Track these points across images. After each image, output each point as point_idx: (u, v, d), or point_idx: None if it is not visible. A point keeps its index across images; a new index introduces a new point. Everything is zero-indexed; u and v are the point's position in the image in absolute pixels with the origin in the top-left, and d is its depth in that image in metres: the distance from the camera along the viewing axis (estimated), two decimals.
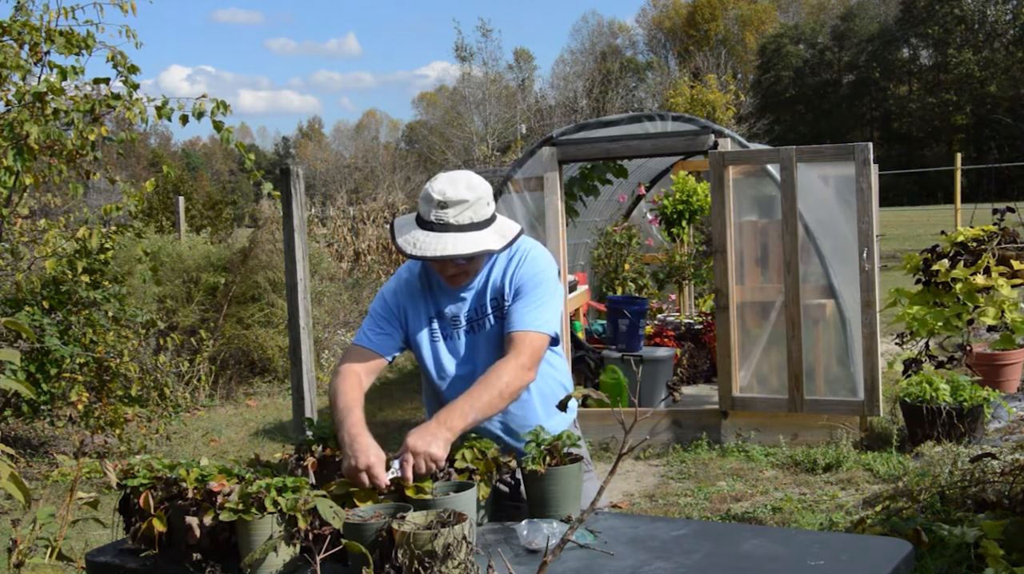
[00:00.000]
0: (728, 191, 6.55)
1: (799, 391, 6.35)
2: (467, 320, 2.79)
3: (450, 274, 2.71)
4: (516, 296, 2.73)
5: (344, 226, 16.30)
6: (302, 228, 4.92)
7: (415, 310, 2.81)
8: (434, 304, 2.80)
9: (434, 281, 2.81)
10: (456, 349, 2.80)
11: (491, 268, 2.78)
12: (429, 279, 2.82)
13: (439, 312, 2.80)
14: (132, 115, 6.02)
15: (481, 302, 2.78)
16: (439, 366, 2.81)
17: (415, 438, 2.42)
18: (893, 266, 13.76)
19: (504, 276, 2.77)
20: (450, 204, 2.59)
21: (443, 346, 2.80)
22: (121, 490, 2.45)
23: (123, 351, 6.77)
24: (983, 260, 4.20)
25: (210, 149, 71.49)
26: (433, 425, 2.48)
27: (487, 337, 2.78)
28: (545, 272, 2.76)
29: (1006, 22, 53.12)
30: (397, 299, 2.82)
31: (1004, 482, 3.99)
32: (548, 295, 2.73)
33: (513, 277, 2.75)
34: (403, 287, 2.84)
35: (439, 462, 2.41)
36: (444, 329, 2.80)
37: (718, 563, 2.17)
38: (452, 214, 2.59)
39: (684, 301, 9.31)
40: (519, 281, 2.75)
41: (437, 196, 2.60)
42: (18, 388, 2.15)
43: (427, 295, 2.81)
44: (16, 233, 6.90)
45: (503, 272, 2.77)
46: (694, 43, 57.82)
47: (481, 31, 41.86)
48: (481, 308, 2.78)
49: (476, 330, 2.79)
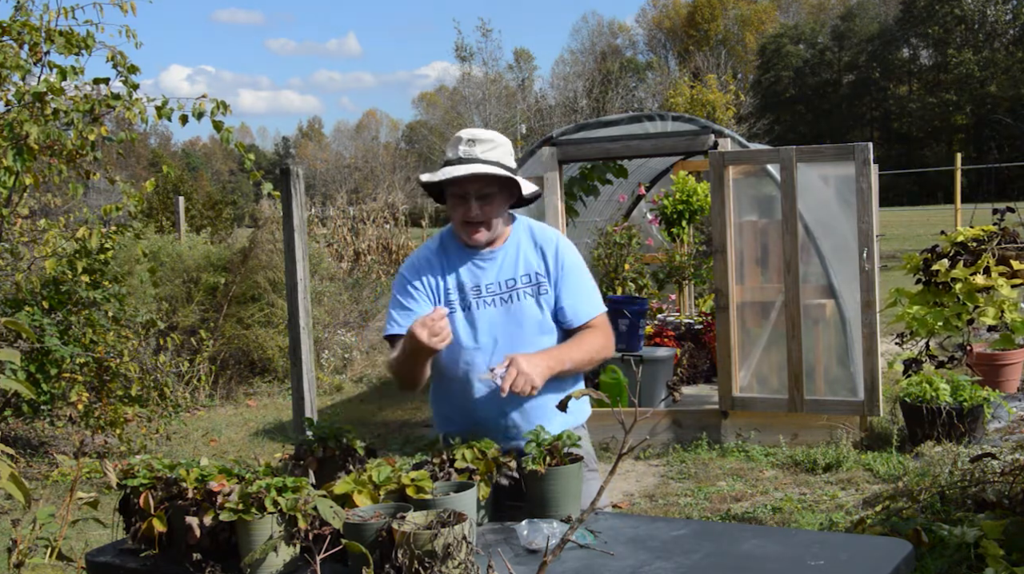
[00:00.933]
0: (728, 191, 6.55)
1: (799, 391, 6.35)
2: (488, 291, 2.81)
3: (472, 216, 2.75)
4: (569, 281, 2.83)
5: (344, 226, 16.31)
6: (302, 228, 4.92)
7: (434, 281, 2.83)
8: (453, 275, 2.83)
9: (452, 253, 2.85)
10: (473, 320, 2.80)
11: (518, 245, 2.85)
12: (446, 251, 2.86)
13: (458, 283, 2.82)
14: (132, 115, 6.02)
15: (509, 275, 2.82)
16: (459, 335, 2.79)
17: (523, 359, 2.57)
18: (893, 266, 13.76)
19: (538, 254, 2.84)
20: (478, 141, 2.74)
21: (460, 316, 2.81)
22: (121, 490, 2.45)
23: (123, 351, 6.77)
24: (983, 260, 4.20)
25: (210, 149, 71.49)
26: (538, 357, 2.63)
27: (515, 311, 2.81)
28: (578, 253, 2.91)
29: (1006, 22, 53.13)
30: (418, 272, 2.85)
31: (1004, 482, 3.99)
32: (590, 275, 2.90)
33: (556, 259, 2.83)
34: (421, 262, 2.87)
35: (535, 389, 2.58)
36: (463, 300, 2.82)
37: (718, 563, 2.17)
38: (480, 150, 2.73)
39: (684, 301, 9.30)
40: (567, 266, 2.84)
41: (467, 136, 2.75)
42: (18, 388, 2.15)
43: (444, 267, 2.84)
44: (16, 233, 6.90)
45: (535, 250, 2.85)
46: (694, 43, 57.82)
47: (481, 31, 41.90)
48: (510, 282, 2.81)
49: (500, 303, 2.81)
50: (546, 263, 2.83)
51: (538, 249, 2.85)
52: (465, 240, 2.81)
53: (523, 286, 2.81)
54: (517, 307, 2.80)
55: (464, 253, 2.84)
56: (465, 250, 2.84)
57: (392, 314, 2.84)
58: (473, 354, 2.78)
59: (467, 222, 2.77)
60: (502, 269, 2.82)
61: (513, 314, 2.80)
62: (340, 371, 10.32)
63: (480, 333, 2.79)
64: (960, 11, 52.96)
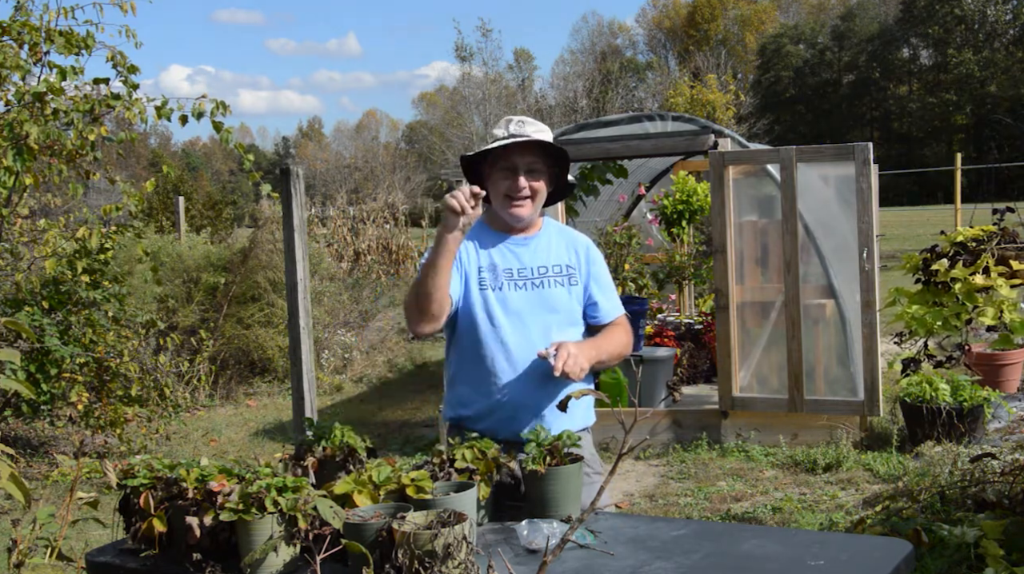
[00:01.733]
0: (728, 191, 6.55)
1: (799, 391, 6.35)
2: (521, 275, 2.86)
3: (521, 189, 2.82)
4: (597, 283, 2.95)
5: (344, 226, 16.31)
6: (302, 228, 4.92)
7: (467, 257, 2.86)
8: (487, 255, 2.87)
9: (486, 234, 2.90)
10: (504, 300, 2.84)
11: (551, 237, 2.94)
12: (481, 233, 2.91)
13: (491, 264, 2.86)
14: (132, 115, 6.01)
15: (542, 263, 2.89)
16: (489, 314, 2.83)
17: (572, 343, 2.71)
18: (893, 266, 13.75)
19: (571, 250, 2.94)
20: (528, 122, 2.84)
21: (491, 296, 2.84)
22: (121, 490, 2.45)
23: (123, 351, 6.77)
24: (982, 260, 4.20)
25: (210, 149, 71.49)
26: (583, 344, 2.77)
27: (545, 296, 2.87)
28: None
29: (1006, 22, 53.13)
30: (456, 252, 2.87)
31: (1004, 482, 3.99)
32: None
33: (588, 258, 2.95)
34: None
35: (581, 373, 2.70)
36: (494, 280, 2.85)
37: (718, 563, 2.17)
38: (531, 129, 2.83)
39: (684, 301, 9.30)
40: (596, 267, 2.96)
41: (518, 117, 2.84)
42: (18, 388, 2.15)
43: (478, 246, 2.88)
44: (16, 233, 6.90)
45: (567, 246, 2.94)
46: (694, 43, 57.82)
47: (481, 31, 41.79)
48: (542, 269, 2.88)
49: (531, 287, 2.86)
50: (579, 258, 2.93)
51: (571, 246, 2.95)
52: (506, 216, 2.87)
53: (555, 275, 2.89)
54: (548, 294, 2.87)
55: (499, 236, 2.90)
56: (500, 234, 2.91)
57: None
58: (503, 334, 2.82)
59: (512, 196, 2.83)
60: (535, 255, 2.89)
61: (544, 299, 2.86)
62: (340, 371, 10.32)
63: (509, 314, 2.83)
64: (960, 11, 52.95)
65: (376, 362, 10.76)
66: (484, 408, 2.82)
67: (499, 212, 2.88)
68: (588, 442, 3.00)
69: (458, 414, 2.92)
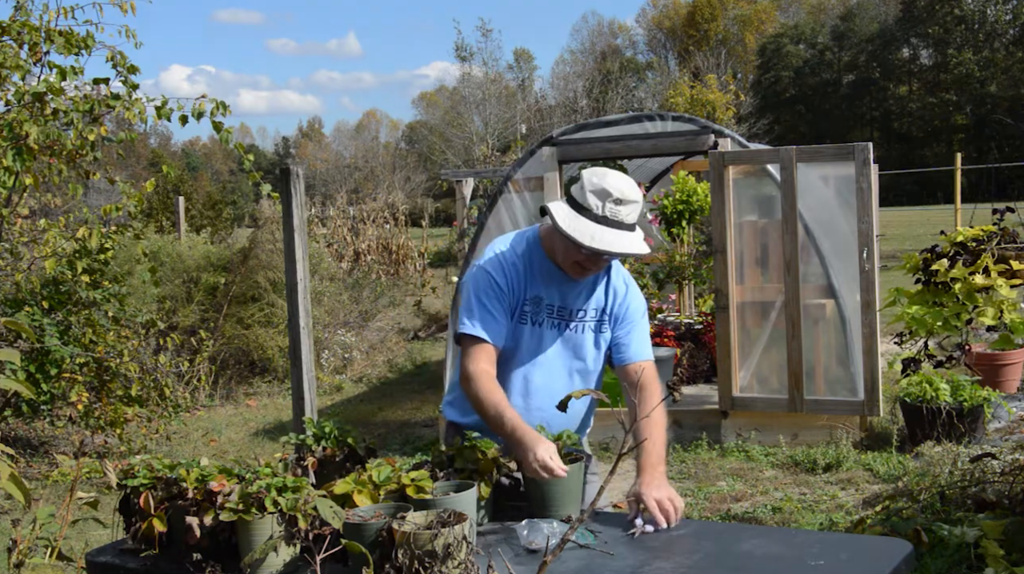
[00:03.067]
0: (728, 191, 6.55)
1: (799, 391, 6.35)
2: (560, 314, 2.83)
3: (590, 270, 2.76)
4: (629, 322, 2.88)
5: (344, 226, 16.32)
6: (302, 228, 4.91)
7: (518, 290, 2.80)
8: (534, 289, 2.81)
9: (536, 265, 2.82)
10: (540, 336, 2.82)
11: (596, 278, 2.86)
12: (532, 262, 2.82)
13: (535, 298, 2.81)
14: (132, 115, 6.01)
15: (581, 306, 2.84)
16: (520, 347, 2.80)
17: (653, 491, 2.48)
18: (893, 266, 13.74)
19: (609, 292, 2.87)
20: (626, 202, 2.67)
21: (528, 330, 2.81)
22: (121, 490, 2.45)
23: (123, 351, 6.77)
24: (982, 260, 4.20)
25: (210, 149, 71.48)
26: (656, 475, 2.56)
27: (575, 340, 2.85)
28: (644, 304, 2.96)
29: (1006, 22, 53.09)
30: (505, 275, 2.79)
31: (1004, 482, 3.99)
32: (648, 326, 2.97)
33: (625, 299, 2.88)
34: (508, 265, 2.81)
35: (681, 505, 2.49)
36: (535, 314, 2.81)
37: (718, 563, 2.17)
38: (625, 212, 2.67)
39: (684, 301, 9.30)
40: (634, 306, 2.89)
41: (616, 194, 2.66)
42: (18, 388, 2.15)
43: (528, 278, 2.81)
44: (16, 233, 6.90)
45: (607, 287, 2.87)
46: (694, 43, 57.78)
47: (481, 31, 41.85)
48: (580, 312, 2.84)
49: (563, 327, 2.83)
50: (615, 302, 2.87)
51: (611, 288, 2.88)
52: (567, 273, 2.79)
53: (590, 319, 2.86)
54: (579, 338, 2.85)
55: (549, 270, 2.82)
56: (551, 268, 2.81)
57: (474, 311, 2.75)
58: (530, 369, 2.82)
59: (580, 266, 2.75)
60: (579, 296, 2.84)
61: (574, 344, 2.85)
62: (340, 371, 10.32)
63: (542, 351, 2.82)
64: (960, 11, 52.92)
65: (376, 362, 10.76)
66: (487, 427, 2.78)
67: (560, 263, 2.79)
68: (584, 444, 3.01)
69: (461, 420, 2.91)
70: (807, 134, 48.92)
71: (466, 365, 2.72)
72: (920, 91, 55.40)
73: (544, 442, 2.50)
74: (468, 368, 2.70)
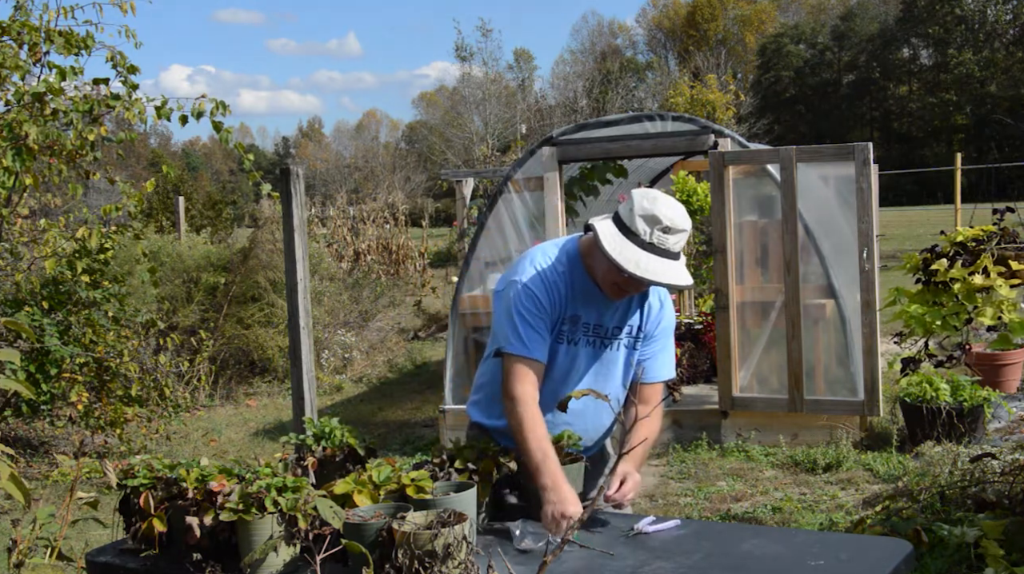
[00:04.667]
0: (728, 191, 6.55)
1: (799, 391, 6.35)
2: (596, 332, 2.81)
3: (631, 293, 2.76)
4: (659, 341, 2.89)
5: (344, 226, 16.32)
6: (302, 228, 4.91)
7: (558, 308, 2.78)
8: (571, 307, 2.78)
9: (577, 285, 2.79)
10: (575, 355, 2.81)
11: (633, 297, 2.84)
12: (573, 280, 2.79)
13: (573, 316, 2.79)
14: (131, 115, 6.01)
15: (617, 324, 2.83)
16: (555, 364, 2.79)
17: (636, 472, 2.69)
18: (893, 266, 13.74)
19: (644, 309, 2.86)
20: (674, 231, 2.63)
21: (564, 349, 2.80)
22: (121, 490, 2.45)
23: (123, 351, 6.77)
24: (982, 260, 4.20)
25: (210, 149, 71.47)
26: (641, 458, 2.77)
27: (608, 359, 2.84)
28: (675, 316, 2.97)
29: (1006, 22, 53.09)
30: (548, 293, 2.76)
31: (1004, 482, 3.99)
32: (673, 345, 2.98)
33: (659, 318, 2.88)
34: (550, 283, 2.77)
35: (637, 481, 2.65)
36: (571, 333, 2.80)
37: (718, 563, 2.17)
38: (672, 241, 2.63)
39: (684, 301, 9.30)
40: (664, 325, 2.90)
41: (666, 221, 2.61)
42: (18, 388, 2.15)
43: (569, 297, 2.78)
44: (16, 233, 6.90)
45: (642, 307, 2.86)
46: (694, 43, 57.78)
47: (481, 31, 41.82)
48: (615, 330, 2.83)
49: (598, 345, 2.83)
50: (648, 320, 2.86)
51: (647, 305, 2.86)
52: (607, 294, 2.78)
53: (625, 336, 2.85)
54: (612, 355, 2.84)
55: (588, 289, 2.79)
56: (591, 287, 2.78)
57: (519, 331, 2.71)
58: (559, 386, 2.79)
59: (619, 287, 2.73)
60: (615, 315, 2.82)
61: (605, 360, 2.84)
62: (340, 371, 10.32)
63: (574, 370, 2.81)
64: (960, 11, 52.91)
65: (376, 362, 10.76)
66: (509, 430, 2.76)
67: (599, 282, 2.77)
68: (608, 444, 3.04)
69: (485, 423, 2.92)
70: (807, 134, 48.90)
71: (512, 386, 2.69)
72: (920, 91, 55.39)
73: (575, 504, 2.47)
74: (515, 390, 2.68)
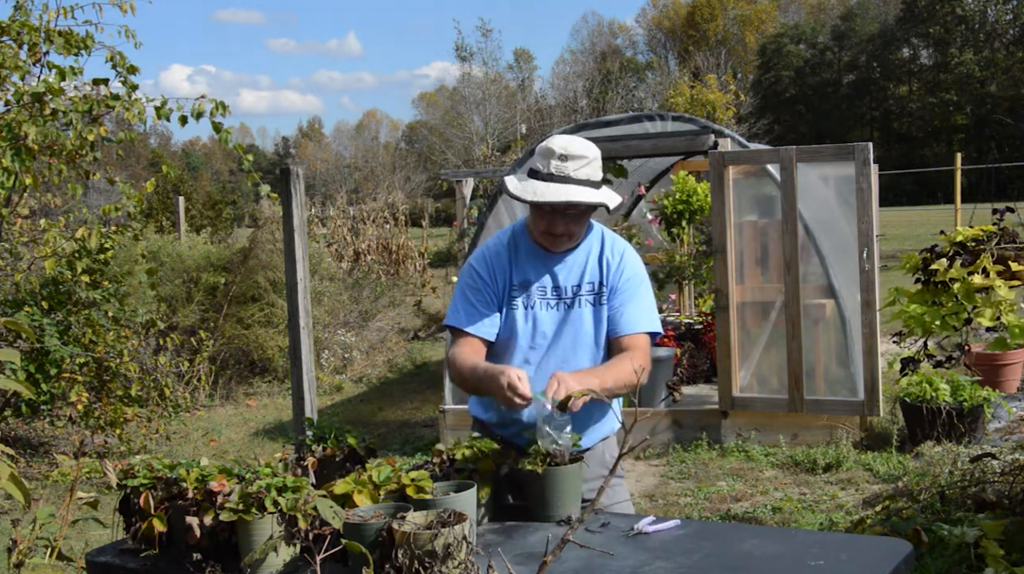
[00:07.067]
0: (728, 191, 6.55)
1: (799, 391, 6.35)
2: (553, 293, 2.81)
3: (558, 232, 2.74)
4: (624, 293, 2.82)
5: (344, 226, 16.30)
6: (302, 228, 4.92)
7: (502, 276, 2.81)
8: (521, 272, 2.81)
9: (522, 250, 2.83)
10: (534, 319, 2.81)
11: (589, 251, 2.83)
12: (517, 248, 2.83)
13: (524, 281, 2.81)
14: (131, 115, 6.01)
15: (575, 281, 2.82)
16: (518, 332, 2.80)
17: (568, 375, 2.56)
18: (893, 266, 13.74)
19: (603, 263, 2.83)
20: (571, 157, 2.67)
21: (520, 314, 2.81)
22: (121, 490, 2.45)
23: (123, 351, 6.77)
24: (981, 260, 4.19)
25: (210, 149, 71.48)
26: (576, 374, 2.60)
27: (574, 317, 2.81)
28: (643, 269, 2.89)
29: (1006, 22, 53.10)
30: (487, 265, 2.81)
31: (1004, 482, 3.99)
32: (650, 293, 2.90)
33: (619, 269, 2.83)
34: (491, 255, 2.83)
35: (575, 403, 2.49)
36: (526, 298, 2.81)
37: (718, 563, 2.17)
38: (572, 167, 2.67)
39: (684, 301, 9.30)
40: (627, 276, 2.83)
41: (559, 149, 2.67)
42: (18, 388, 2.15)
43: (513, 262, 2.82)
44: (16, 233, 6.90)
45: (600, 259, 2.83)
46: (694, 43, 57.81)
47: (481, 31, 41.78)
48: (575, 287, 2.82)
49: (562, 307, 2.81)
50: (609, 274, 2.82)
51: (604, 259, 2.84)
52: (546, 247, 2.80)
53: (586, 294, 2.82)
54: (577, 314, 2.82)
55: (535, 252, 2.82)
56: (537, 249, 2.82)
57: (458, 305, 2.82)
58: (528, 353, 2.80)
59: (549, 234, 2.75)
60: (570, 273, 2.82)
61: (572, 320, 2.81)
62: (340, 371, 10.32)
63: (538, 334, 2.80)
64: (960, 11, 52.91)
65: (376, 362, 10.76)
66: (507, 416, 2.79)
67: (538, 240, 2.80)
68: (613, 446, 2.99)
69: (480, 417, 2.93)
70: (807, 134, 48.92)
71: (451, 352, 2.80)
72: (920, 91, 55.39)
73: (512, 367, 2.54)
74: (448, 354, 2.80)
